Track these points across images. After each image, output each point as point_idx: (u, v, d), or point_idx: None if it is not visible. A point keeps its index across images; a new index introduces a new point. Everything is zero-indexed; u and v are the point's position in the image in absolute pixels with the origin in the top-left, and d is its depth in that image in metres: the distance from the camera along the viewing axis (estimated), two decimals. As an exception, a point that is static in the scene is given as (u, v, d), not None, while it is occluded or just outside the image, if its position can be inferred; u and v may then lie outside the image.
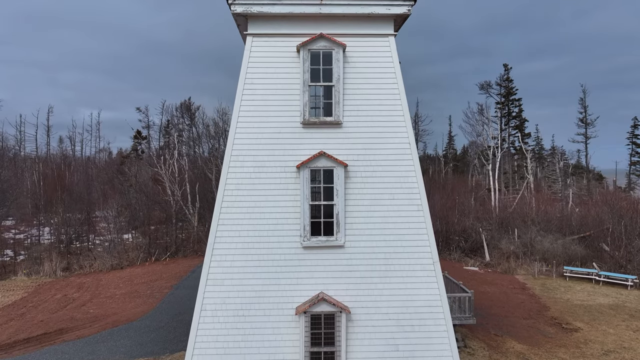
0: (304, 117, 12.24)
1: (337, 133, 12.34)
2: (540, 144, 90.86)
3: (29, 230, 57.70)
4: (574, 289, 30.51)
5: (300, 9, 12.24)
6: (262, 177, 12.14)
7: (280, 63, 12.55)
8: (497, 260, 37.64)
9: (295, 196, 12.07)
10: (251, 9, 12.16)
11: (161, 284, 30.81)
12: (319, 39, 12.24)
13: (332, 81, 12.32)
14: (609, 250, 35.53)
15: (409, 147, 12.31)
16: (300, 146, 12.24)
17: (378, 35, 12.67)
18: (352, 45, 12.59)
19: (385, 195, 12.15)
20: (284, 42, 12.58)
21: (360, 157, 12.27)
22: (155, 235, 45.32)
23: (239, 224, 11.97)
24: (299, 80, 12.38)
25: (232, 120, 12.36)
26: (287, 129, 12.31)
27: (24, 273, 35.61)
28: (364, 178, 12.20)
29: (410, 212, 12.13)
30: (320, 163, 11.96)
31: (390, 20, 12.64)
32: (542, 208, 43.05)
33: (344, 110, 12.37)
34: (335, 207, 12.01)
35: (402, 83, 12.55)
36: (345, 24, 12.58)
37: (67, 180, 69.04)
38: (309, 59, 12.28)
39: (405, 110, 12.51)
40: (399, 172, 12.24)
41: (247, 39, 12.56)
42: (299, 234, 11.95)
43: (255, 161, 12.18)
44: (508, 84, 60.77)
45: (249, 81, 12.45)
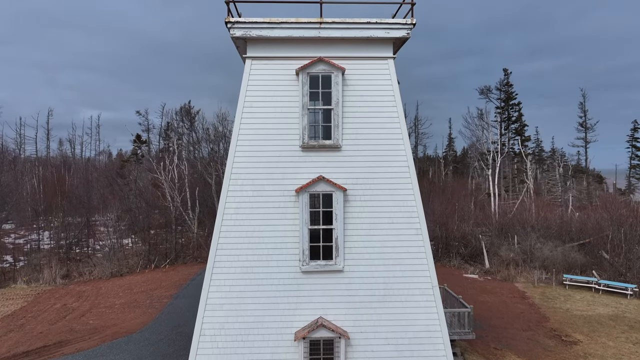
0: (303, 140, 12.23)
1: (336, 157, 12.33)
2: (540, 146, 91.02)
3: (28, 235, 57.71)
4: (574, 298, 30.50)
5: (300, 33, 12.22)
6: (261, 201, 12.12)
7: (280, 86, 12.53)
8: (496, 268, 37.63)
9: (294, 220, 12.05)
10: (250, 33, 12.14)
11: (161, 293, 30.79)
12: (318, 63, 12.22)
13: (331, 104, 12.30)
14: (608, 257, 35.52)
15: (408, 171, 12.29)
16: (299, 170, 12.22)
17: (377, 58, 12.66)
18: (351, 67, 12.57)
19: (385, 220, 12.14)
20: (283, 65, 12.57)
21: (359, 181, 12.26)
22: (155, 241, 45.28)
23: (238, 248, 11.96)
24: (298, 103, 12.37)
25: (231, 143, 12.35)
26: (286, 152, 12.30)
27: (24, 281, 35.59)
28: (363, 202, 12.19)
29: (409, 237, 12.11)
30: (320, 187, 11.94)
31: (390, 43, 12.63)
32: (542, 214, 43.02)
33: (343, 134, 12.36)
34: (335, 232, 11.99)
35: (401, 106, 12.54)
36: (344, 47, 12.56)
37: (67, 184, 69.09)
38: (308, 82, 12.26)
39: (405, 134, 12.49)
40: (398, 196, 12.22)
41: (246, 62, 12.55)
42: (298, 259, 11.94)
43: (254, 185, 12.17)
44: (508, 88, 60.76)
45: (248, 104, 12.44)
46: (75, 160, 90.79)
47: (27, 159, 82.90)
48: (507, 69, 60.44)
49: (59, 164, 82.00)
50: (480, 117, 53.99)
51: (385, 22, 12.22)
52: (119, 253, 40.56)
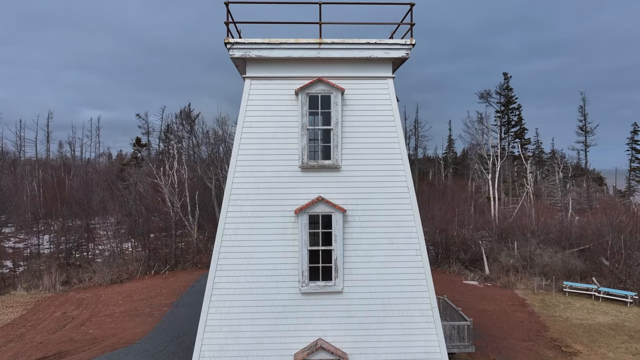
0: (302, 160, 12.22)
1: (336, 177, 12.32)
2: (540, 148, 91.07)
3: (28, 239, 57.74)
4: (574, 305, 30.50)
5: (299, 53, 12.21)
6: (261, 221, 12.12)
7: (279, 106, 12.53)
8: (496, 274, 37.63)
9: (294, 241, 12.05)
10: (249, 53, 12.14)
11: (160, 301, 30.79)
12: (318, 83, 12.21)
13: (331, 125, 12.30)
14: (608, 264, 35.52)
15: (407, 191, 12.29)
16: (298, 190, 12.22)
17: (376, 78, 12.65)
18: (350, 87, 12.57)
19: (384, 240, 12.14)
20: (282, 85, 12.56)
21: (358, 201, 12.25)
22: (155, 245, 45.30)
23: (237, 269, 11.96)
24: (297, 123, 12.36)
25: (231, 163, 12.34)
26: (285, 172, 12.29)
27: (24, 287, 35.60)
28: (362, 222, 12.19)
29: (408, 257, 12.11)
30: (319, 209, 11.94)
31: (389, 63, 12.62)
32: (542, 220, 43.01)
33: (342, 154, 12.35)
34: (334, 253, 11.99)
35: (400, 126, 12.54)
36: (344, 67, 12.56)
37: (67, 187, 69.09)
38: (307, 102, 12.26)
39: (404, 154, 12.48)
40: (397, 216, 12.22)
41: (246, 82, 12.54)
42: (297, 279, 11.93)
43: (253, 205, 12.17)
44: (508, 92, 60.76)
45: (247, 124, 12.44)
46: (75, 163, 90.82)
47: (27, 161, 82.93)
48: (507, 73, 60.55)
49: (59, 166, 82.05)
50: (480, 121, 53.98)
51: (385, 42, 12.22)
52: (119, 259, 40.55)
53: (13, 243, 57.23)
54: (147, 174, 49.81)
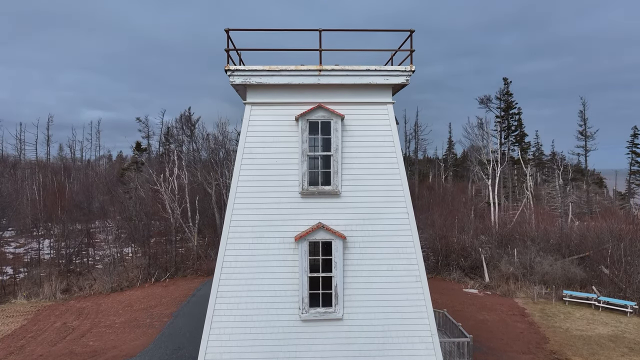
0: (302, 187, 12.24)
1: (336, 203, 12.35)
2: (540, 150, 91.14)
3: (29, 244, 57.80)
4: (574, 315, 30.52)
5: (299, 80, 12.24)
6: (261, 248, 12.15)
7: (279, 131, 12.55)
8: (496, 282, 37.66)
9: (294, 267, 12.07)
10: (250, 80, 12.16)
11: (161, 311, 30.82)
12: (318, 110, 12.24)
13: (331, 151, 12.32)
14: (608, 273, 35.54)
15: (407, 217, 12.31)
16: (298, 216, 12.24)
17: (376, 104, 12.67)
18: (350, 112, 12.59)
19: (384, 267, 12.16)
20: (282, 110, 12.59)
21: (358, 227, 12.28)
22: (155, 251, 45.36)
23: (238, 296, 11.98)
24: (297, 149, 12.38)
25: (231, 189, 12.36)
26: (286, 198, 12.32)
27: (24, 296, 35.64)
28: (362, 249, 12.21)
29: (408, 284, 12.14)
30: (319, 236, 11.96)
31: (389, 89, 12.64)
32: (542, 227, 43.03)
33: (342, 180, 12.37)
34: (334, 279, 12.01)
35: (400, 152, 12.56)
36: (344, 93, 12.58)
37: (67, 191, 69.15)
38: (308, 128, 12.28)
39: (404, 180, 12.50)
40: (397, 242, 12.24)
41: (246, 108, 12.56)
42: (298, 306, 11.95)
43: (254, 232, 12.19)
44: (508, 97, 60.79)
45: (247, 150, 12.46)
46: (76, 165, 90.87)
47: (27, 163, 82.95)
48: (507, 78, 60.60)
49: (59, 169, 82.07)
50: (480, 126, 54.00)
51: (385, 69, 12.24)
52: (119, 267, 40.57)
53: (13, 248, 57.33)
54: (147, 181, 49.80)
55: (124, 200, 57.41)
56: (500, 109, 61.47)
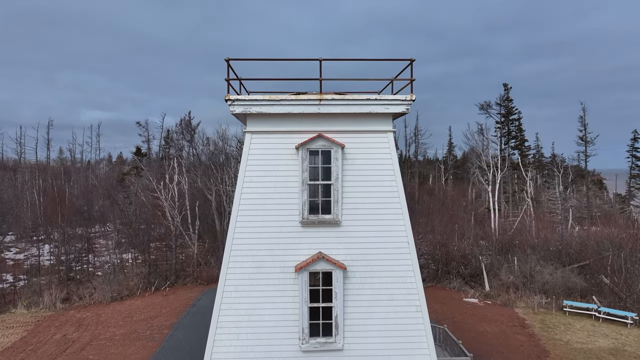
0: (302, 216, 12.22)
1: (336, 232, 12.33)
2: (541, 152, 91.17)
3: (28, 249, 57.81)
4: (574, 327, 30.49)
5: (299, 109, 12.21)
6: (261, 277, 12.13)
7: (280, 160, 12.53)
8: (496, 291, 37.64)
9: (294, 297, 12.05)
10: (250, 109, 12.14)
11: (161, 322, 30.80)
12: (318, 139, 12.22)
13: (331, 180, 12.30)
14: (609, 282, 35.52)
15: (407, 247, 12.29)
16: (299, 245, 12.22)
17: (377, 132, 12.64)
18: (350, 140, 12.57)
19: (384, 297, 12.14)
20: (283, 139, 12.57)
21: (359, 257, 12.26)
22: (156, 257, 45.38)
23: (238, 326, 11.96)
24: (297, 178, 12.36)
25: (232, 218, 12.34)
26: (286, 227, 12.29)
27: (24, 305, 35.62)
28: (362, 279, 12.20)
29: (409, 314, 12.11)
30: (319, 266, 11.94)
31: (389, 117, 12.61)
32: (542, 235, 43.02)
33: (342, 209, 12.35)
34: (334, 310, 11.99)
35: (400, 181, 12.53)
36: (344, 121, 12.56)
37: (68, 195, 69.12)
38: (308, 158, 12.26)
39: (404, 208, 12.48)
40: (397, 272, 12.23)
41: (246, 136, 12.54)
42: (298, 337, 11.93)
43: (254, 261, 12.17)
44: (508, 103, 60.79)
45: (248, 179, 12.44)
46: (75, 167, 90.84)
47: (27, 166, 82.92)
48: (507, 84, 60.58)
49: (59, 173, 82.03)
50: (480, 132, 53.97)
51: (385, 98, 12.21)
52: (119, 275, 40.56)
53: (13, 254, 57.35)
54: (147, 188, 49.79)
55: (124, 206, 57.42)
56: (500, 115, 61.47)
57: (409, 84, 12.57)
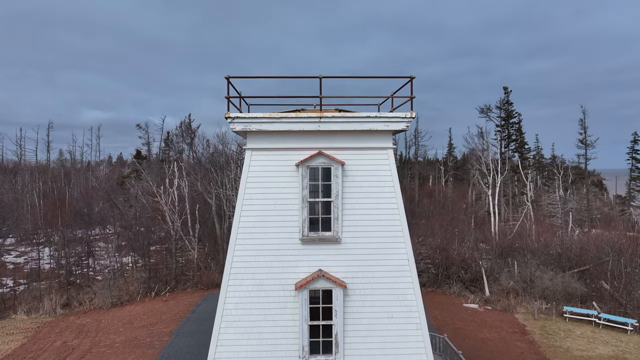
0: (302, 233, 12.22)
1: (336, 249, 12.32)
2: (541, 153, 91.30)
3: (29, 252, 57.80)
4: (574, 333, 30.49)
5: (299, 127, 12.21)
6: (261, 296, 12.13)
7: (280, 177, 12.53)
8: (497, 297, 37.63)
9: (294, 315, 12.05)
10: (250, 127, 12.14)
11: (161, 329, 30.80)
12: (318, 156, 12.21)
13: (331, 197, 12.29)
14: (609, 288, 35.51)
15: (407, 264, 12.29)
16: (299, 263, 12.22)
17: (376, 149, 12.63)
18: (350, 157, 12.56)
19: (384, 315, 12.13)
20: (283, 156, 12.56)
21: (359, 274, 12.26)
22: (156, 261, 45.42)
23: (238, 344, 11.96)
24: (297, 195, 12.36)
25: (232, 236, 12.34)
26: (286, 245, 12.29)
27: (24, 311, 35.62)
28: (363, 296, 12.19)
29: (409, 332, 12.11)
30: (319, 284, 11.94)
31: (389, 134, 12.61)
32: (542, 240, 43.03)
33: (342, 226, 12.34)
34: (334, 327, 11.99)
35: (400, 198, 12.52)
36: (344, 138, 12.55)
37: (68, 198, 69.15)
38: (308, 175, 12.26)
39: (404, 226, 12.47)
40: (398, 289, 12.22)
41: (246, 153, 12.54)
42: (298, 355, 11.93)
43: (254, 279, 12.17)
44: (508, 107, 60.81)
45: (248, 196, 12.43)
46: (76, 170, 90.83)
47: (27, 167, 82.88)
48: (507, 87, 60.60)
49: (58, 174, 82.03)
50: (480, 135, 53.99)
51: (385, 115, 12.21)
52: (120, 280, 40.56)
53: (13, 257, 57.35)
54: (147, 193, 49.79)
55: (124, 209, 57.43)
56: (500, 118, 61.49)
57: (408, 100, 12.56)
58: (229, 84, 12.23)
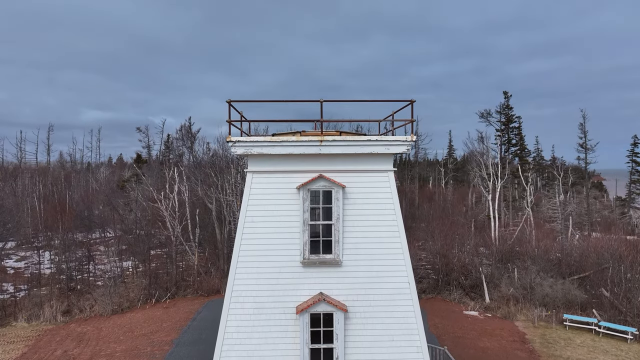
0: (303, 256, 12.26)
1: (337, 272, 12.36)
2: (541, 155, 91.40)
3: (29, 257, 57.87)
4: (574, 342, 30.52)
5: (300, 150, 12.25)
6: (262, 318, 12.17)
7: (281, 199, 12.57)
8: (497, 304, 37.67)
9: (295, 338, 12.09)
10: (251, 151, 12.17)
11: (161, 338, 30.85)
12: (319, 180, 12.25)
13: (332, 220, 12.33)
14: (609, 296, 35.55)
15: (408, 287, 12.32)
16: (300, 285, 12.27)
17: (377, 171, 12.67)
18: (351, 180, 12.60)
19: (385, 338, 12.18)
20: (284, 179, 12.60)
21: (360, 297, 12.30)
22: (156, 266, 45.49)
23: (239, 368, 11.99)
24: (299, 218, 12.40)
25: (233, 259, 12.37)
26: (287, 267, 12.33)
27: (25, 319, 35.66)
28: (364, 319, 12.23)
29: (410, 355, 12.16)
30: (320, 308, 11.98)
31: (390, 157, 12.64)
32: (542, 246, 43.08)
33: (343, 249, 12.38)
34: (335, 351, 12.03)
35: (401, 220, 12.56)
36: (345, 161, 12.59)
37: (68, 201, 69.20)
38: (309, 198, 12.29)
39: (405, 248, 12.51)
40: (398, 312, 12.26)
41: (248, 176, 12.58)
42: (299, 378, 11.97)
43: (255, 302, 12.21)
44: (508, 111, 60.90)
45: (249, 219, 12.47)
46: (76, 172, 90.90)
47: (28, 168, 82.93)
48: (507, 92, 60.67)
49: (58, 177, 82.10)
50: (480, 140, 54.05)
51: (386, 139, 12.24)
52: (120, 287, 40.61)
53: (14, 262, 57.41)
54: (148, 199, 49.85)
55: (125, 213, 57.51)
56: (500, 123, 61.59)
57: (409, 122, 12.60)
58: (231, 106, 12.26)
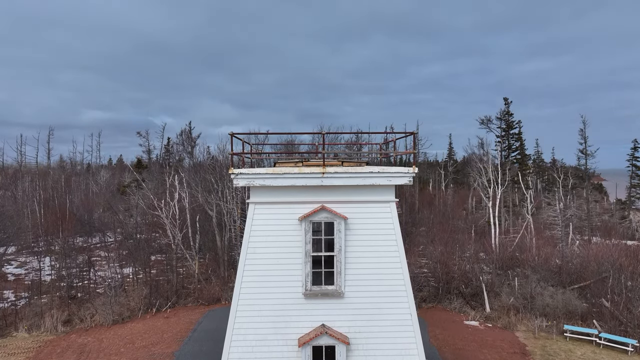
0: (305, 287, 12.26)
1: (339, 303, 12.37)
2: (541, 157, 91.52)
3: (30, 262, 57.88)
4: (575, 354, 30.55)
5: (302, 182, 12.25)
6: (264, 350, 12.17)
7: (283, 230, 12.58)
8: (497, 313, 37.70)
9: (297, 371, 12.08)
10: (253, 182, 12.18)
11: (162, 350, 30.86)
12: (321, 211, 12.24)
13: (334, 251, 12.33)
14: (609, 306, 35.57)
15: (410, 319, 12.33)
16: (302, 317, 12.27)
17: (379, 202, 12.67)
18: (353, 210, 12.61)
19: (387, 371, 12.17)
20: (286, 209, 12.61)
21: (362, 328, 12.30)
22: (157, 273, 45.49)
23: (241, 400, 12.00)
24: (301, 249, 12.40)
25: (235, 291, 12.38)
26: (289, 299, 12.34)
27: (25, 329, 35.67)
28: (365, 351, 12.24)
29: (411, 387, 12.15)
30: (323, 341, 11.98)
31: (392, 188, 12.64)
32: (542, 255, 43.13)
33: (345, 280, 12.38)
34: (337, 383, 12.03)
35: (402, 250, 12.56)
36: (347, 192, 12.60)
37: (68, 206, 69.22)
38: (311, 229, 12.29)
39: (407, 279, 12.51)
40: (400, 345, 12.26)
41: (250, 207, 12.58)
42: (301, 411, 11.98)
43: (257, 334, 12.21)
44: (508, 117, 60.90)
45: (251, 250, 12.47)
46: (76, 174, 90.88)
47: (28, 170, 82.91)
48: (508, 98, 60.69)
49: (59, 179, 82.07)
50: (481, 146, 54.07)
51: (388, 171, 12.24)
52: (121, 296, 40.61)
53: (14, 267, 57.42)
54: (148, 207, 49.87)
55: (125, 219, 57.52)
56: (500, 129, 61.60)
57: (411, 153, 12.58)
58: (233, 137, 12.26)
